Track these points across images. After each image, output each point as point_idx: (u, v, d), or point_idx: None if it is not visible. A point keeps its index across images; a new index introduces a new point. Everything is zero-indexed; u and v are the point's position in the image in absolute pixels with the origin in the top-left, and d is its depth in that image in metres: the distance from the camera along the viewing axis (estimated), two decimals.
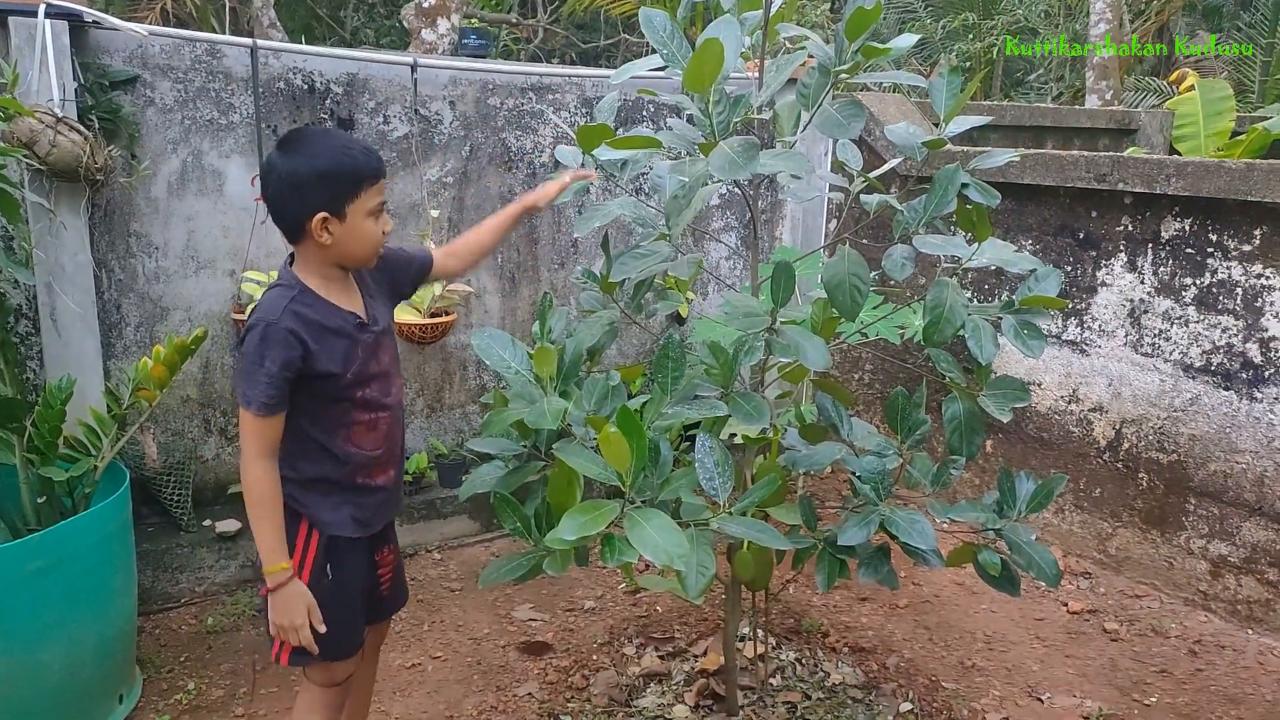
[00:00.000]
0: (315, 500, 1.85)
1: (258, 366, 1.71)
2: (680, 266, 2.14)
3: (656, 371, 2.05)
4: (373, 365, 1.87)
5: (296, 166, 1.72)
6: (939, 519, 2.17)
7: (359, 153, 1.76)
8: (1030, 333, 2.02)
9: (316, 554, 1.85)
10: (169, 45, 3.11)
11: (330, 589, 1.86)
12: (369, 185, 1.76)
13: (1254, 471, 3.08)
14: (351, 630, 1.93)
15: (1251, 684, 2.82)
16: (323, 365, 1.76)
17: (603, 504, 1.75)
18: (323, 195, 1.72)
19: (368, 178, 1.76)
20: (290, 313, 1.74)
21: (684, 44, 1.90)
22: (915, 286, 4.05)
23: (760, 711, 2.58)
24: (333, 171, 1.72)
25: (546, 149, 3.89)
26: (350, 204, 1.75)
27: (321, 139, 1.77)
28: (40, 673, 2.27)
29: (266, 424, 1.75)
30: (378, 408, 1.88)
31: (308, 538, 1.84)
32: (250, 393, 1.72)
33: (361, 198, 1.76)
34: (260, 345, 1.71)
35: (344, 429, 1.84)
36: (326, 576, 1.86)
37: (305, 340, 1.74)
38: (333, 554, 1.86)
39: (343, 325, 1.81)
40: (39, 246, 2.83)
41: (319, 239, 1.75)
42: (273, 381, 1.71)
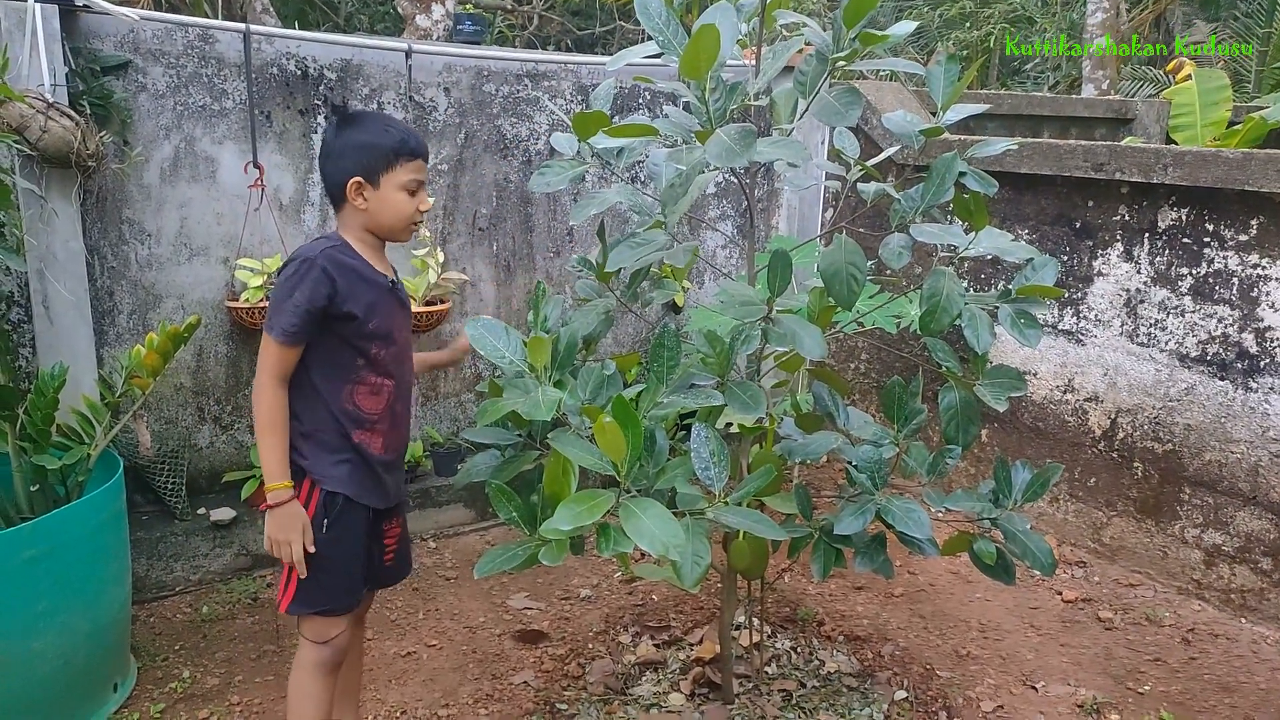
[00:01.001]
0: (315, 452, 1.93)
1: (287, 296, 1.83)
2: (676, 255, 2.13)
3: (652, 361, 2.04)
4: (393, 329, 1.98)
5: (342, 137, 1.91)
6: (935, 508, 2.17)
7: (399, 130, 1.93)
8: (1027, 322, 2.02)
9: (315, 509, 1.92)
10: (161, 30, 3.08)
11: (326, 542, 1.93)
12: (405, 160, 1.91)
13: (1248, 461, 3.09)
14: (346, 587, 2.01)
15: (1245, 672, 2.83)
16: (347, 305, 1.87)
17: (598, 494, 1.74)
18: (360, 162, 1.89)
19: (403, 153, 1.91)
20: (326, 254, 1.86)
21: (680, 30, 1.88)
22: (912, 275, 4.04)
23: (755, 700, 2.58)
24: (371, 143, 1.89)
25: (542, 136, 3.87)
26: (384, 174, 1.90)
27: (369, 117, 1.95)
28: (34, 662, 2.26)
29: (285, 352, 1.86)
30: (385, 373, 1.97)
31: (310, 492, 1.93)
32: (275, 319, 1.84)
33: (396, 170, 1.90)
34: (293, 277, 1.84)
35: (349, 385, 1.93)
36: (322, 531, 1.93)
37: (335, 279, 1.85)
38: (330, 509, 1.94)
39: (374, 278, 1.94)
40: (30, 233, 2.81)
41: (355, 202, 1.91)
42: (298, 311, 1.82)
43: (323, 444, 1.93)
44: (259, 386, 1.88)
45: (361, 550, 2.03)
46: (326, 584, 1.96)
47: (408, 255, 3.62)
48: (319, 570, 1.94)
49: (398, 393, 2.02)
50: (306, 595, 1.96)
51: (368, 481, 1.98)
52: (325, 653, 2.02)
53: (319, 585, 1.95)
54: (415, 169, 1.93)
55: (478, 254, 3.85)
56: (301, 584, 1.94)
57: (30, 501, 2.47)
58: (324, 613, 1.99)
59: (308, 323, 1.84)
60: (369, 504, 2.00)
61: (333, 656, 2.03)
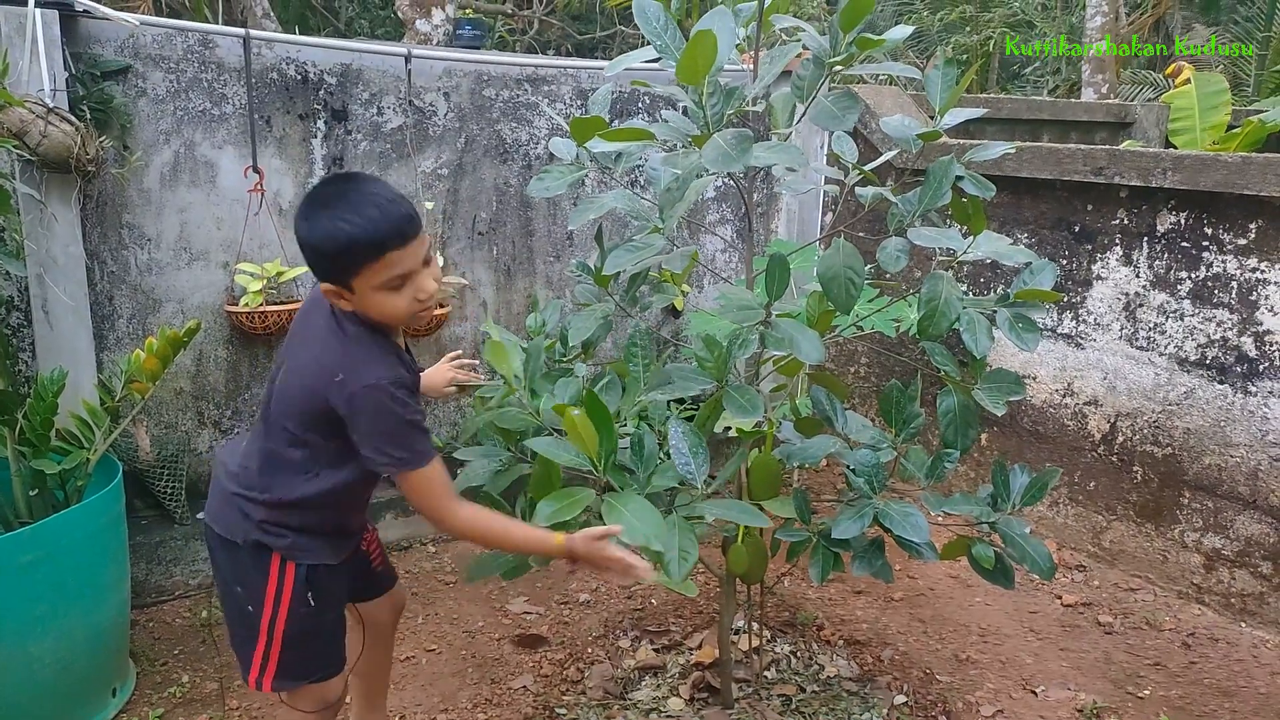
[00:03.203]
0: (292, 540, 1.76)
1: (402, 422, 1.61)
2: (675, 259, 2.13)
3: (626, 360, 2.05)
4: None
5: (302, 233, 1.59)
6: (933, 512, 2.17)
7: (360, 217, 1.53)
8: (1025, 326, 2.01)
9: (295, 585, 1.76)
10: (161, 35, 3.09)
11: (312, 616, 1.80)
12: (371, 260, 1.55)
13: (1248, 465, 3.09)
14: (335, 652, 1.89)
15: (1244, 676, 2.83)
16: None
17: (577, 490, 1.75)
18: (323, 269, 1.61)
19: (366, 253, 1.54)
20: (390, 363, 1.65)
21: (678, 35, 1.89)
22: (910, 279, 4.04)
23: (755, 704, 2.58)
24: (324, 251, 1.57)
25: (542, 141, 3.87)
26: (353, 279, 1.58)
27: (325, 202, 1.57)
28: (32, 666, 2.26)
29: (439, 469, 1.67)
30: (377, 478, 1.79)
31: (281, 571, 1.75)
32: (415, 448, 1.63)
33: (365, 273, 1.56)
34: (393, 403, 1.60)
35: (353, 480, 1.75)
36: (308, 605, 1.78)
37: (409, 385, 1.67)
38: (313, 582, 1.79)
39: (411, 371, 1.74)
40: (30, 238, 2.82)
41: (339, 305, 1.65)
42: (422, 425, 1.65)
43: (308, 530, 1.78)
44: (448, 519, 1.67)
45: (344, 602, 1.93)
46: (319, 652, 1.84)
47: None
48: (309, 641, 1.82)
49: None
50: (296, 669, 1.83)
51: (341, 541, 1.86)
52: (322, 715, 1.90)
53: (311, 656, 1.83)
54: (392, 263, 1.56)
55: (477, 258, 3.85)
56: (286, 660, 1.80)
57: (29, 506, 2.47)
58: (318, 680, 1.86)
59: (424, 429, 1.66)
60: (345, 557, 1.88)
61: (329, 713, 1.92)
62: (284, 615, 1.77)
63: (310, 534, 1.78)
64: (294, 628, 1.78)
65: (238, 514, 1.76)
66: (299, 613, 1.77)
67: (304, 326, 1.77)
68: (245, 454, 1.81)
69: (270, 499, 1.74)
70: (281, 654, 1.79)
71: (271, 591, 1.76)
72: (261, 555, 1.75)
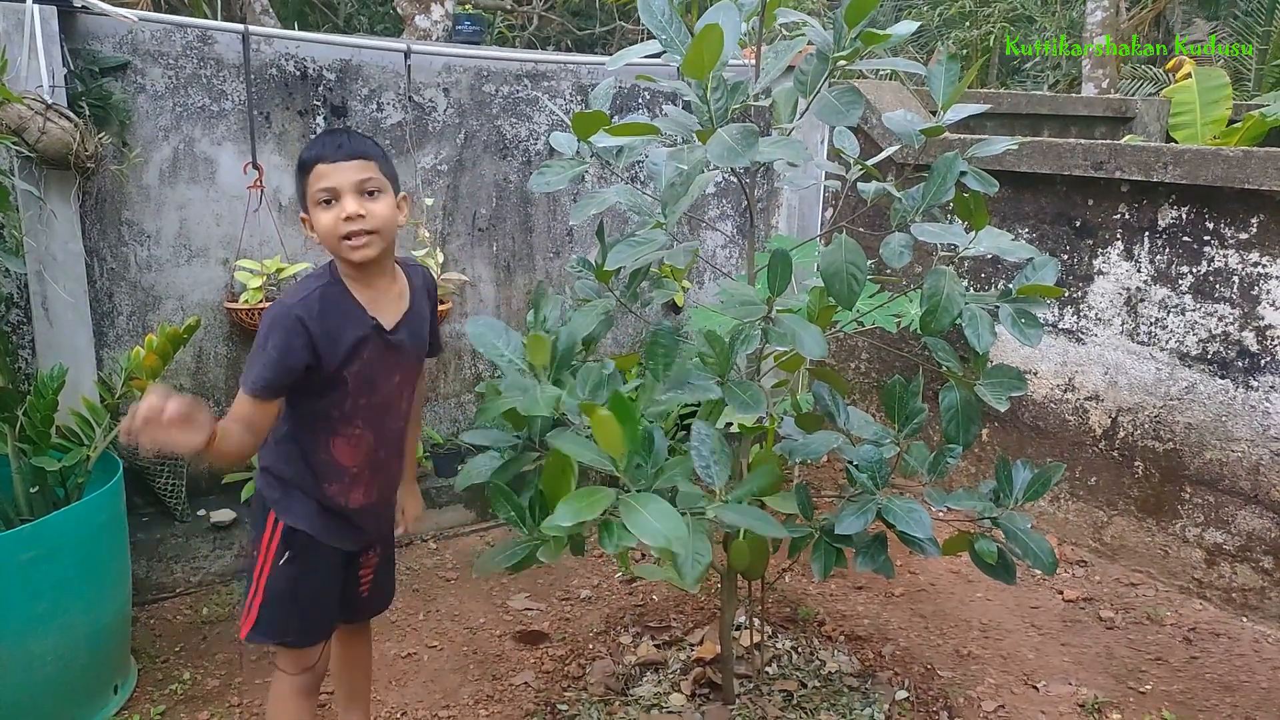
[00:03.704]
0: (287, 492, 1.87)
1: (260, 349, 1.70)
2: (676, 255, 2.12)
3: (648, 359, 2.04)
4: (380, 377, 1.84)
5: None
6: (935, 507, 2.17)
7: (312, 143, 1.75)
8: (1027, 321, 2.01)
9: (280, 539, 1.85)
10: (160, 31, 3.08)
11: (286, 574, 1.86)
12: (305, 173, 1.73)
13: (1249, 460, 3.09)
14: (311, 623, 1.93)
15: (1246, 671, 2.83)
16: (325, 358, 1.73)
17: (598, 490, 1.74)
18: (298, 194, 1.78)
19: (304, 165, 1.73)
20: (306, 301, 1.72)
21: (683, 29, 1.88)
22: (912, 275, 4.04)
23: (756, 700, 2.58)
24: (296, 169, 1.77)
25: (542, 136, 3.86)
26: (304, 198, 1.76)
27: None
28: (33, 664, 2.26)
29: (256, 408, 1.71)
30: (365, 425, 1.85)
31: (274, 525, 1.86)
32: (248, 373, 1.71)
33: (307, 189, 1.74)
34: (268, 329, 1.70)
35: (324, 436, 1.83)
36: (284, 563, 1.86)
37: (311, 330, 1.70)
38: (291, 544, 1.85)
39: (362, 324, 1.78)
40: (29, 235, 2.81)
41: (311, 237, 1.78)
42: (269, 365, 1.68)
43: (297, 487, 1.86)
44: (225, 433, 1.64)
45: (329, 587, 1.95)
46: (287, 616, 1.88)
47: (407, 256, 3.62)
48: (280, 603, 1.87)
49: (379, 442, 1.90)
50: (267, 626, 1.89)
51: (334, 525, 1.90)
52: (298, 682, 1.95)
53: (278, 616, 1.88)
54: (318, 175, 1.71)
55: (477, 254, 3.84)
56: (263, 614, 1.87)
57: (29, 503, 2.47)
58: (287, 645, 1.92)
59: (280, 376, 1.70)
60: (335, 545, 1.92)
61: (306, 682, 1.96)
62: (268, 568, 1.86)
63: (290, 490, 1.86)
64: (272, 584, 1.86)
65: (259, 469, 1.91)
66: (277, 568, 1.85)
67: None
68: None
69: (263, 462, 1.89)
70: (261, 607, 1.87)
71: (264, 541, 1.86)
72: (263, 506, 1.87)
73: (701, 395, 1.97)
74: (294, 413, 1.82)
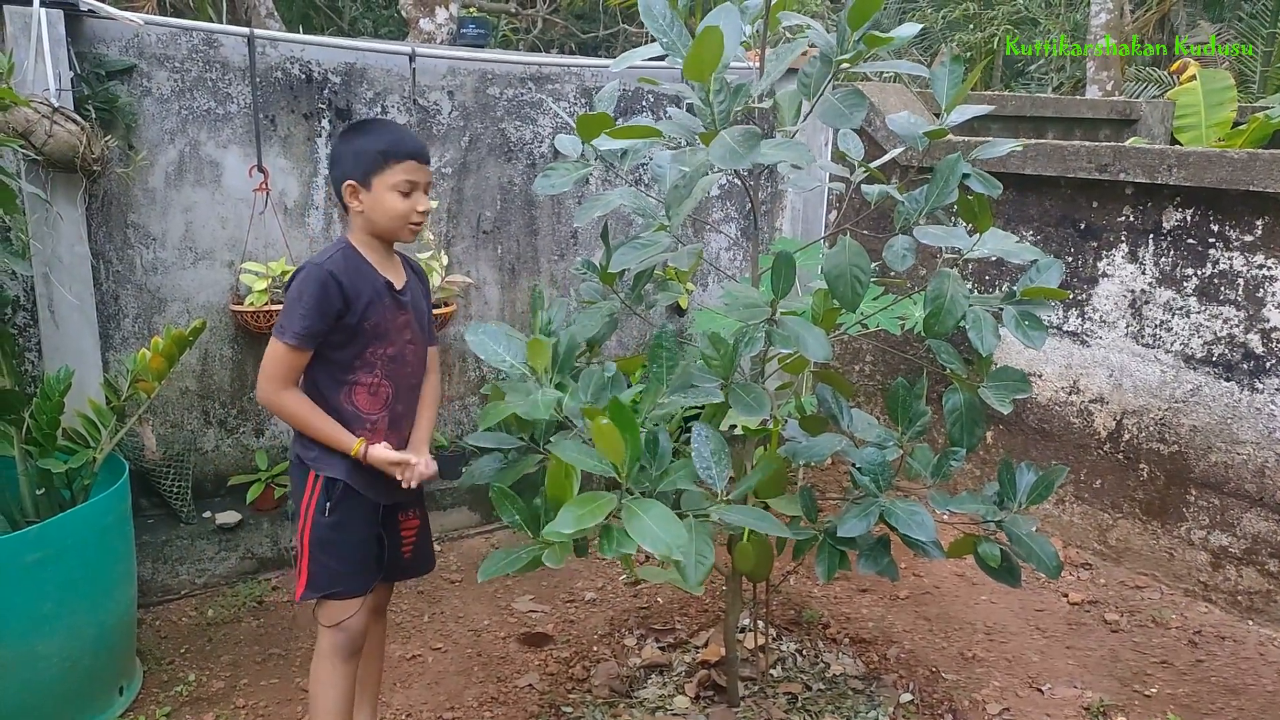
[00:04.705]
0: (320, 449, 2.00)
1: (297, 301, 1.90)
2: (680, 257, 2.13)
3: (651, 362, 2.04)
4: (393, 331, 2.03)
5: (343, 143, 1.99)
6: (939, 510, 2.17)
7: (392, 133, 1.99)
8: (1031, 324, 2.01)
9: (318, 494, 2.00)
10: (165, 34, 3.09)
11: (330, 525, 2.01)
12: (395, 162, 1.95)
13: (1255, 463, 3.08)
14: (354, 571, 2.05)
15: (1252, 675, 2.82)
16: (352, 306, 1.94)
17: (600, 496, 1.74)
18: (354, 165, 1.96)
19: (393, 155, 1.95)
20: (332, 259, 1.95)
21: (684, 32, 1.88)
22: (916, 277, 4.04)
23: (761, 702, 2.58)
24: (364, 147, 1.96)
25: (546, 139, 3.87)
26: (375, 176, 1.95)
27: (371, 123, 2.05)
28: (39, 664, 2.27)
29: (294, 355, 1.92)
30: (384, 374, 2.03)
31: (312, 484, 2.01)
32: (286, 323, 1.90)
33: (386, 172, 1.95)
34: (302, 283, 1.91)
35: (346, 385, 2.00)
36: (325, 515, 2.00)
37: (343, 284, 1.92)
38: (331, 493, 2.00)
39: (376, 282, 2.00)
40: (36, 238, 2.82)
41: (352, 205, 1.98)
42: (308, 314, 1.89)
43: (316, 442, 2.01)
44: (272, 394, 1.94)
45: (368, 537, 2.08)
46: (334, 568, 2.02)
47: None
48: (326, 554, 2.01)
49: (396, 394, 2.07)
50: (316, 580, 2.03)
51: (367, 476, 2.03)
52: (340, 637, 2.06)
53: (327, 569, 2.02)
54: (407, 170, 1.97)
55: (482, 257, 3.85)
56: (312, 570, 2.01)
57: (36, 505, 2.48)
58: (334, 595, 2.04)
59: (317, 327, 1.91)
60: (370, 496, 2.05)
61: (349, 642, 2.08)
62: (309, 523, 2.01)
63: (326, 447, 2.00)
64: (315, 535, 2.01)
65: (293, 437, 2.06)
66: (319, 521, 2.00)
67: None
68: None
69: None
70: (309, 563, 2.02)
71: (305, 500, 2.02)
72: (301, 468, 2.03)
73: (705, 399, 1.97)
74: (318, 366, 1.98)
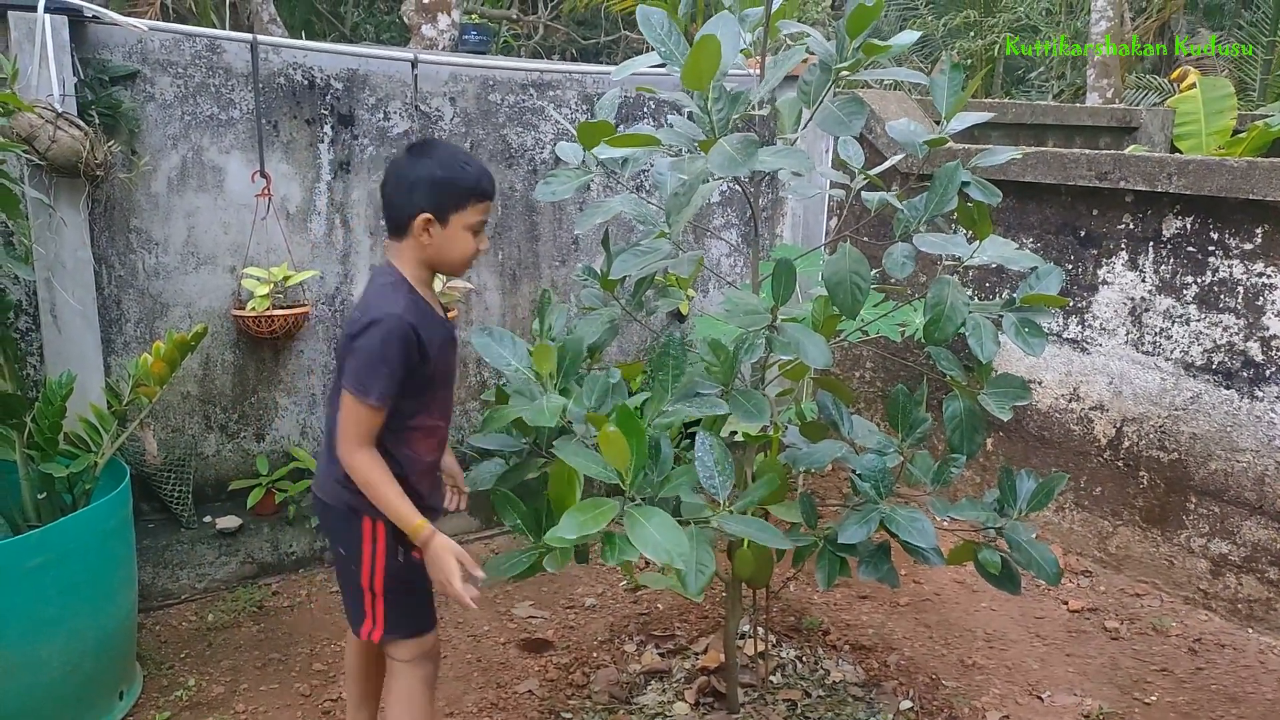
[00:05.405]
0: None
1: (380, 359, 1.80)
2: (681, 264, 2.14)
3: (657, 370, 2.05)
4: (451, 369, 2.01)
5: (417, 169, 1.86)
6: (940, 517, 2.17)
7: (475, 169, 1.89)
8: (1031, 331, 2.02)
9: (386, 540, 1.92)
10: (169, 40, 3.10)
11: (405, 569, 1.95)
12: (474, 202, 1.88)
13: (1255, 470, 3.08)
14: (428, 601, 2.04)
15: (1252, 683, 2.82)
16: (428, 358, 1.87)
17: (603, 502, 1.75)
18: (432, 199, 1.85)
19: (475, 194, 1.88)
20: (408, 309, 1.84)
21: (681, 41, 1.89)
22: (916, 284, 4.04)
23: (761, 709, 2.58)
24: (447, 180, 1.85)
25: (547, 145, 3.88)
26: (454, 213, 1.86)
27: (444, 150, 1.90)
28: (40, 669, 2.27)
29: (377, 415, 1.83)
30: (440, 415, 1.99)
31: (373, 531, 1.92)
32: (370, 383, 1.80)
33: (465, 211, 1.87)
34: (385, 337, 1.80)
35: (406, 431, 1.92)
36: (399, 559, 1.94)
37: (420, 335, 1.84)
38: (403, 540, 1.92)
39: (443, 326, 1.95)
40: (39, 242, 2.83)
41: (420, 238, 1.87)
42: (393, 374, 1.81)
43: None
44: (350, 453, 1.83)
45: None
46: (415, 607, 2.00)
47: None
48: (406, 595, 1.97)
49: (446, 428, 2.05)
50: (399, 622, 1.98)
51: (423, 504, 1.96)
52: (428, 668, 2.06)
53: (409, 610, 1.98)
54: (484, 210, 1.91)
55: (483, 262, 3.86)
56: (389, 614, 1.96)
57: (37, 509, 2.48)
58: (415, 635, 2.01)
59: (400, 381, 1.83)
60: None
61: (434, 668, 2.08)
62: (380, 572, 1.93)
63: None
64: (390, 582, 1.94)
65: (333, 480, 1.93)
66: (392, 568, 1.93)
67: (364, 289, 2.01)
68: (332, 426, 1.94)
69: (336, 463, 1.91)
70: (386, 610, 1.96)
71: (367, 551, 1.93)
72: (354, 518, 1.92)
73: (710, 410, 1.98)
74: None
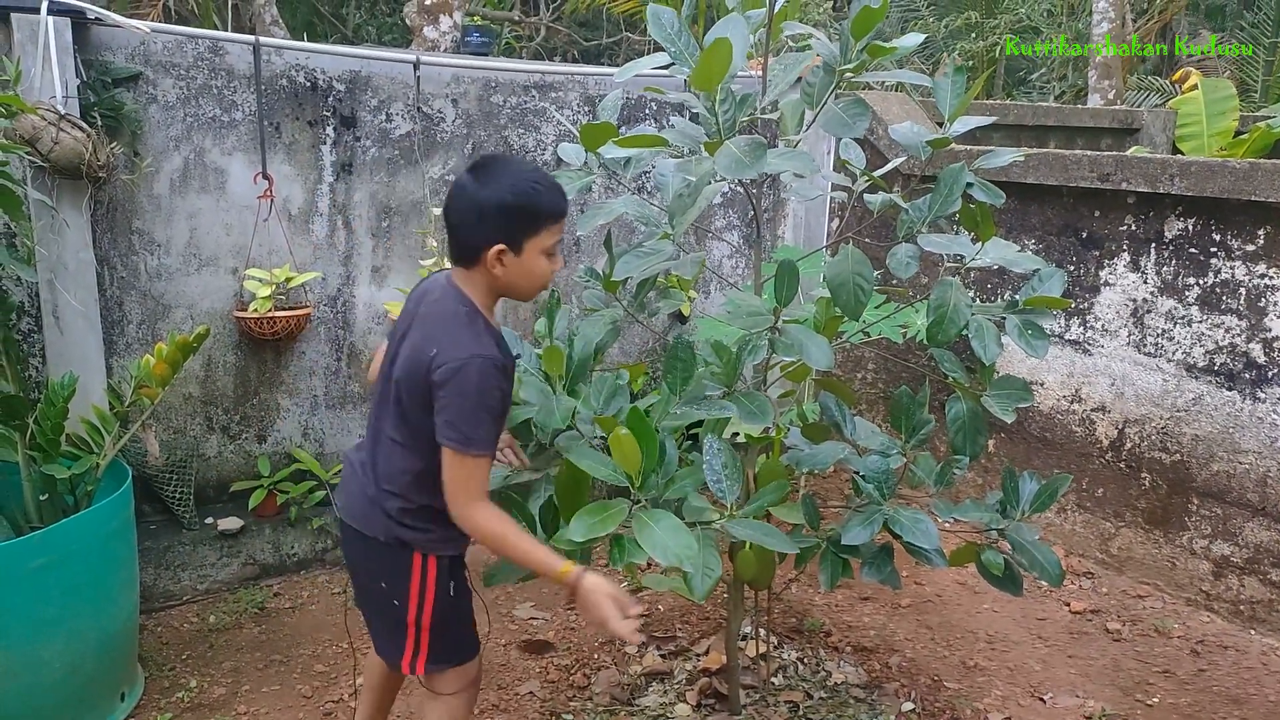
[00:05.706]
0: (427, 528, 1.84)
1: (481, 407, 1.68)
2: (683, 265, 2.14)
3: (666, 372, 2.05)
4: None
5: (487, 195, 1.71)
6: (942, 518, 2.17)
7: (546, 190, 1.75)
8: (1034, 332, 2.02)
9: (438, 576, 1.86)
10: (171, 42, 3.11)
11: (454, 604, 1.91)
12: (550, 224, 1.76)
13: (1257, 472, 3.08)
14: (474, 633, 2.00)
15: (1254, 684, 2.81)
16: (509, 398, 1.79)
17: (612, 504, 1.75)
18: (505, 227, 1.73)
19: (549, 216, 1.76)
20: (498, 348, 1.75)
21: (691, 42, 1.89)
22: (918, 286, 4.04)
23: (762, 710, 2.58)
24: (519, 206, 1.72)
25: (549, 147, 3.88)
26: (529, 240, 1.75)
27: (514, 171, 1.75)
28: (41, 670, 2.27)
29: (485, 464, 1.72)
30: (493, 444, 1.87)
31: (424, 565, 1.85)
32: (474, 434, 1.68)
33: (540, 235, 1.75)
34: (482, 385, 1.68)
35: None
36: (449, 594, 1.89)
37: (510, 374, 1.76)
38: (454, 574, 1.90)
39: (509, 353, 1.83)
40: (41, 244, 2.83)
41: (492, 268, 1.76)
42: (495, 419, 1.72)
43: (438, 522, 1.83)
44: (471, 513, 1.73)
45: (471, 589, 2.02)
46: (461, 635, 1.96)
47: (414, 266, 3.64)
48: (454, 626, 1.93)
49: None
50: (445, 652, 1.93)
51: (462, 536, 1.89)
52: (467, 698, 2.01)
53: (456, 640, 1.94)
54: (558, 230, 1.78)
55: None
56: (435, 646, 1.90)
57: (39, 510, 2.48)
58: (462, 662, 1.97)
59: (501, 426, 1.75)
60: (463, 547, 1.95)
61: (472, 699, 2.03)
62: (430, 606, 1.86)
63: (438, 522, 1.82)
64: (439, 616, 1.87)
65: (379, 512, 1.83)
66: (443, 602, 1.87)
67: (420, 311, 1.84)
68: (387, 456, 1.84)
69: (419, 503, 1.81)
70: (431, 641, 1.89)
71: (415, 585, 1.84)
72: (403, 552, 1.83)
73: (716, 413, 1.98)
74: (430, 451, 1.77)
